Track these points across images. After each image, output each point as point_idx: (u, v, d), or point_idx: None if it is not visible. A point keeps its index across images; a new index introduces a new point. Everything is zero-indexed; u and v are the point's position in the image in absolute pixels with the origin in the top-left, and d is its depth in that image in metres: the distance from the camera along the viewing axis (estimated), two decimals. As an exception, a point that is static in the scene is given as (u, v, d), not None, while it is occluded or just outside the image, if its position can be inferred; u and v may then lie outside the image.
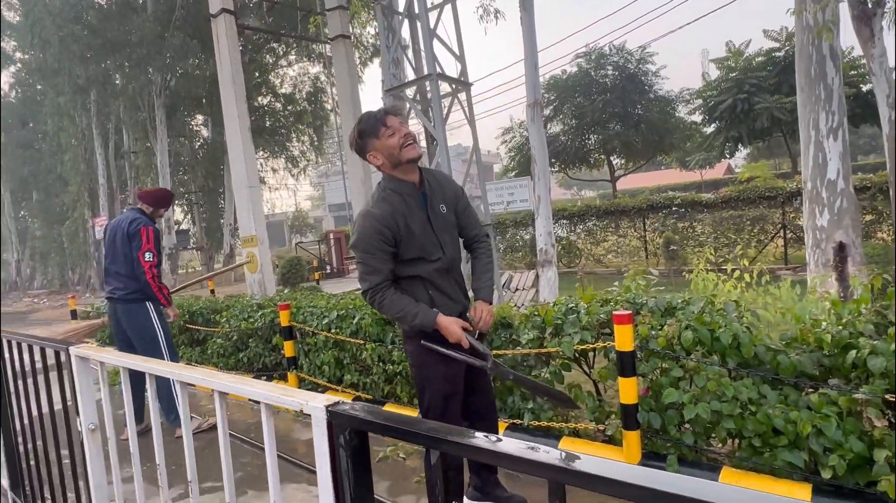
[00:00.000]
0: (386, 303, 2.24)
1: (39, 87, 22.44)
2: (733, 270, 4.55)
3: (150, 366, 1.70)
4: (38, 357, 2.39)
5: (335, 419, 1.06)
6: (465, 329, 2.25)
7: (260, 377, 4.75)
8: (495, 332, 3.45)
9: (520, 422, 3.05)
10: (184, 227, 22.75)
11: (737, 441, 2.51)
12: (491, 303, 2.40)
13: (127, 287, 3.88)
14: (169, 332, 4.08)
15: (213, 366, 5.18)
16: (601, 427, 2.82)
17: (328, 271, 17.54)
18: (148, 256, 3.80)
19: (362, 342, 3.69)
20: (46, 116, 21.38)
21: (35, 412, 2.62)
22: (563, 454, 0.74)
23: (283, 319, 4.17)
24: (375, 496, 1.21)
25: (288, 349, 4.22)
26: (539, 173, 6.31)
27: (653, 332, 2.66)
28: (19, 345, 2.63)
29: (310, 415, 1.12)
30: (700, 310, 2.66)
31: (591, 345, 2.76)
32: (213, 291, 8.85)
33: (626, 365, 2.53)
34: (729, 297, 3.52)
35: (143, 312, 3.92)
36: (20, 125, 25.04)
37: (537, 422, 2.95)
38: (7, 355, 2.77)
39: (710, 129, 19.03)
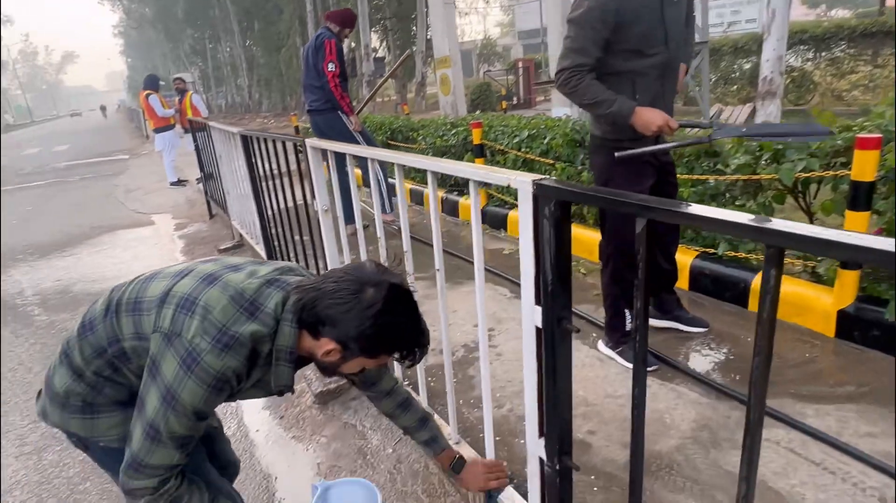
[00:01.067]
0: (581, 87, 2.08)
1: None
2: None
3: (373, 152, 1.93)
4: (280, 150, 2.86)
5: (541, 191, 1.13)
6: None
7: (452, 192, 5.12)
8: (697, 161, 3.19)
9: (713, 251, 2.91)
10: (380, 54, 23.60)
11: None
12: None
13: (319, 98, 4.32)
14: (370, 137, 4.49)
15: (410, 180, 5.69)
16: (810, 264, 2.58)
17: (514, 102, 17.24)
18: (331, 66, 4.08)
19: (552, 162, 3.70)
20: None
21: (281, 203, 3.21)
22: (783, 223, 0.70)
23: (476, 137, 4.31)
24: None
25: (479, 165, 4.42)
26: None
27: (904, 165, 2.22)
28: (265, 140, 3.15)
29: (516, 191, 1.21)
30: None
31: (817, 173, 2.42)
32: (408, 115, 9.38)
33: (859, 197, 2.20)
34: None
35: (338, 120, 4.34)
36: (240, -45, 26.99)
37: (733, 253, 2.79)
38: (255, 150, 3.35)
39: None
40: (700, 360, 2.45)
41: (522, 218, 1.20)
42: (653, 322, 2.60)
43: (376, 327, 1.05)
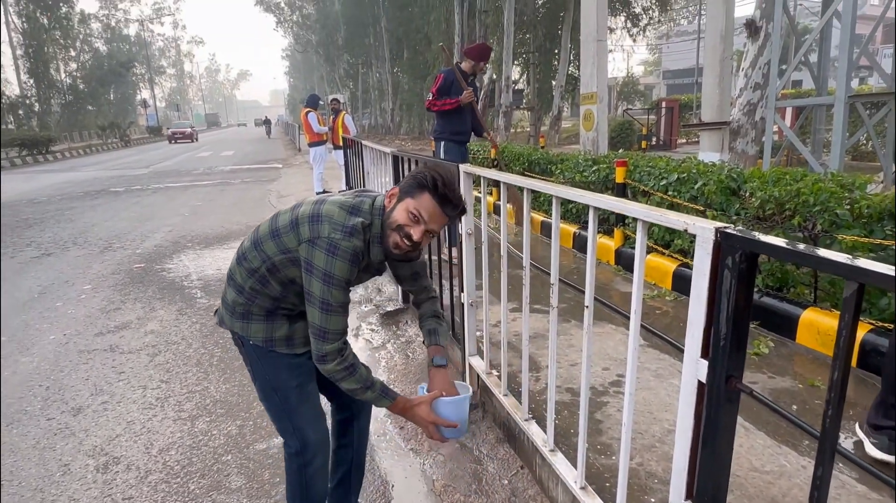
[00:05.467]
0: None
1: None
2: None
3: (530, 183, 1.96)
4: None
5: (726, 241, 1.07)
6: None
7: (585, 228, 5.02)
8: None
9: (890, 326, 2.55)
10: (519, 87, 24.00)
11: None
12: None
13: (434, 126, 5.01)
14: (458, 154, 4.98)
15: (542, 212, 5.67)
16: None
17: (653, 142, 16.60)
18: (429, 96, 4.79)
19: (703, 209, 3.50)
20: (420, -21, 24.19)
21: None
22: None
23: (619, 176, 4.20)
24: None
25: (618, 205, 4.29)
26: None
27: None
28: (416, 162, 3.33)
29: (692, 237, 1.16)
30: None
31: None
32: (543, 148, 9.40)
33: None
34: None
35: (438, 148, 4.90)
36: (400, -11, 29.07)
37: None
38: (403, 169, 3.54)
39: None
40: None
41: (698, 265, 1.14)
42: None
43: (420, 174, 1.50)
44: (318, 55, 44.33)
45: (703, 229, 1.12)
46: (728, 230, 1.07)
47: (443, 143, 4.82)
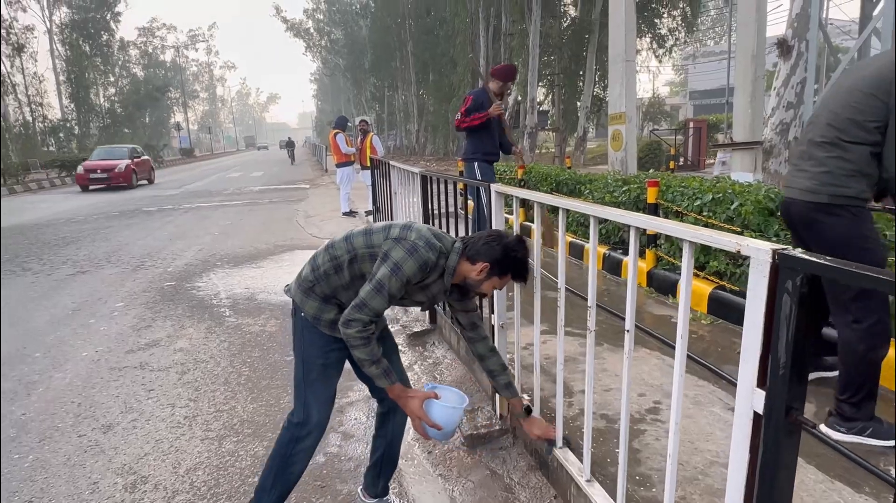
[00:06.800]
0: None
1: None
2: None
3: (566, 203, 1.92)
4: (451, 190, 2.98)
5: (784, 263, 1.01)
6: None
7: (615, 250, 4.93)
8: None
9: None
10: (544, 108, 24.06)
11: None
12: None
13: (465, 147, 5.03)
14: (487, 173, 4.94)
15: (570, 233, 5.60)
16: None
17: (681, 162, 16.40)
18: (458, 115, 4.87)
19: (740, 230, 3.40)
20: (445, 4, 24.59)
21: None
22: None
23: (650, 196, 4.12)
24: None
25: (650, 226, 4.20)
26: None
27: None
28: (445, 181, 3.31)
29: (746, 259, 1.10)
30: None
31: None
32: (569, 168, 9.34)
33: None
34: None
35: (469, 170, 4.88)
36: (425, 14, 29.62)
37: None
38: (431, 189, 3.53)
39: None
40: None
41: (752, 289, 1.08)
42: None
43: (509, 256, 1.74)
44: (345, 78, 45.25)
45: (759, 251, 1.06)
46: (786, 251, 1.01)
47: (476, 164, 4.84)
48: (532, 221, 2.60)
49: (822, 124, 2.17)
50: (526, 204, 5.43)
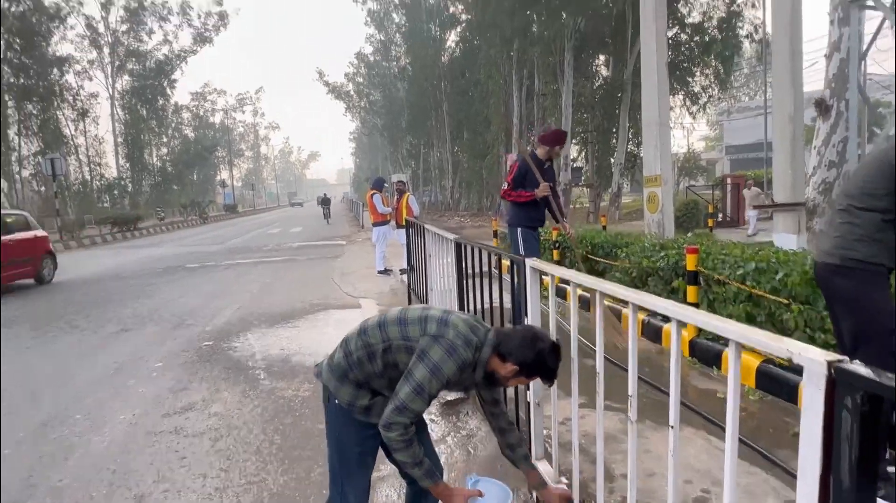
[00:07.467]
0: None
1: (476, 41, 26.83)
2: None
3: (602, 285, 1.88)
4: (486, 258, 2.98)
5: (842, 378, 0.95)
6: None
7: (654, 315, 4.79)
8: None
9: None
10: (578, 164, 24.24)
11: None
12: None
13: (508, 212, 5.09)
14: (533, 255, 4.78)
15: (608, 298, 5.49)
16: None
17: (720, 219, 16.10)
18: (504, 185, 4.90)
19: (786, 302, 3.26)
20: (479, 67, 25.50)
21: (479, 304, 3.34)
22: None
23: (690, 263, 4.03)
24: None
25: (691, 294, 4.09)
26: None
27: None
28: (480, 251, 3.32)
29: (798, 368, 1.04)
30: None
31: None
32: (604, 227, 9.28)
33: None
34: None
35: (513, 236, 4.95)
36: (460, 76, 30.76)
37: None
38: (466, 254, 3.55)
39: None
40: None
41: (808, 401, 1.02)
42: None
43: (539, 363, 1.73)
44: (382, 137, 46.89)
45: (813, 361, 1.00)
46: (844, 365, 0.95)
47: (520, 231, 4.84)
48: (567, 283, 2.53)
49: (842, 193, 2.41)
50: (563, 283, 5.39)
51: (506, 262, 2.89)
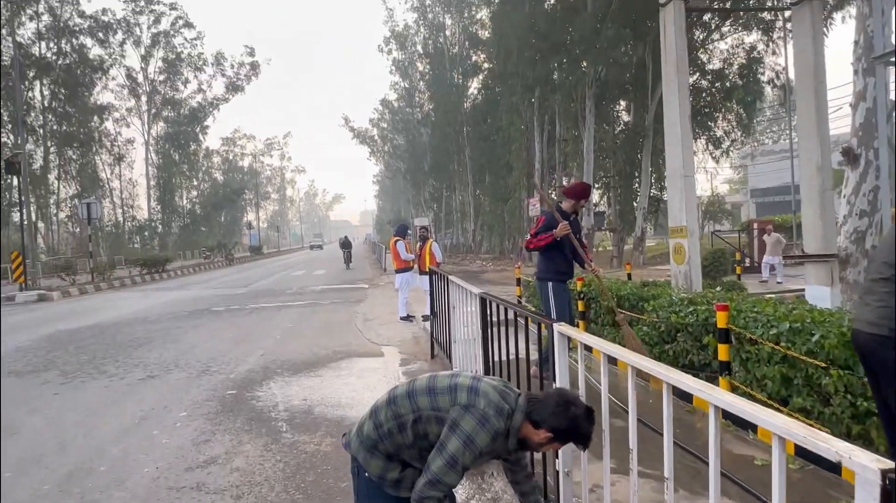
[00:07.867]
0: None
1: (497, 89, 27.47)
2: None
3: (632, 358, 1.85)
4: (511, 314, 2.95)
5: (897, 489, 0.91)
6: None
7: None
8: None
9: None
10: (600, 209, 24.24)
11: None
12: None
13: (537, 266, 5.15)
14: (564, 310, 4.73)
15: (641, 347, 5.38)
16: None
17: (747, 264, 15.81)
18: (528, 236, 5.02)
19: (824, 365, 3.15)
20: (501, 113, 26.00)
21: (502, 356, 3.30)
22: None
23: (720, 320, 3.94)
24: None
25: (722, 352, 3.98)
26: None
27: None
28: (506, 309, 3.30)
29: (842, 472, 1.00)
30: None
31: None
32: (629, 275, 9.17)
33: None
34: None
35: (543, 290, 4.90)
36: (482, 121, 31.39)
37: None
38: (491, 310, 3.52)
39: None
40: None
41: (862, 508, 0.97)
42: None
43: (574, 429, 1.71)
44: (405, 180, 47.72)
45: (865, 468, 0.96)
46: (898, 474, 0.91)
47: (550, 285, 4.84)
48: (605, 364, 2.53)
49: (879, 262, 2.31)
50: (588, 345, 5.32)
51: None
